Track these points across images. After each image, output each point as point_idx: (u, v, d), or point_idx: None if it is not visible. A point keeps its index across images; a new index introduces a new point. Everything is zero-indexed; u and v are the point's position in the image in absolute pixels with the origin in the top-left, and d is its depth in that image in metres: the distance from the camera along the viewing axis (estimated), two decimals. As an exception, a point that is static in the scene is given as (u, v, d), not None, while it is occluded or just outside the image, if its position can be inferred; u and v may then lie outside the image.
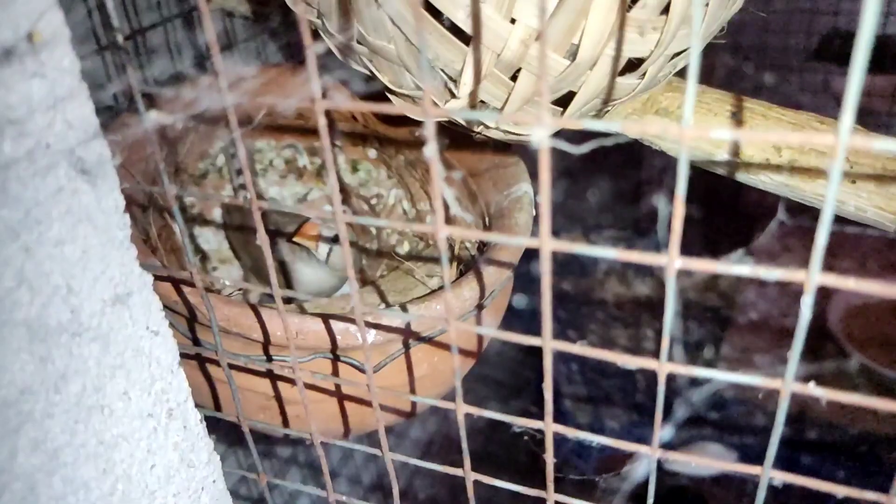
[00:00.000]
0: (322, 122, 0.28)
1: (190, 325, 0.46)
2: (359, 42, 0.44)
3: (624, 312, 1.42)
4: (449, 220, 0.50)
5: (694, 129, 0.24)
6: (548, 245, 0.28)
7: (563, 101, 0.41)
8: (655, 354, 0.30)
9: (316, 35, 0.48)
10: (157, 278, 0.36)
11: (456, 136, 0.56)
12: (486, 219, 0.57)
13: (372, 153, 0.71)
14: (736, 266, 0.26)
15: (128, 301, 0.33)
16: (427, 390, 0.54)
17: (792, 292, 1.26)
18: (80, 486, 0.32)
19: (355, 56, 0.46)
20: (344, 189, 0.72)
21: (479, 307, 0.49)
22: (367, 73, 0.47)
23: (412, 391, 0.52)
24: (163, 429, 0.36)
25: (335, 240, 0.57)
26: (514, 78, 0.40)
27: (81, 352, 0.31)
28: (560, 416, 1.28)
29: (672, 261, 0.27)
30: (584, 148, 0.26)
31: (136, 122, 0.57)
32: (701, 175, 0.49)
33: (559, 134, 0.31)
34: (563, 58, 0.37)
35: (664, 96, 0.50)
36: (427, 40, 0.39)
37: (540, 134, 0.25)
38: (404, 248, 0.70)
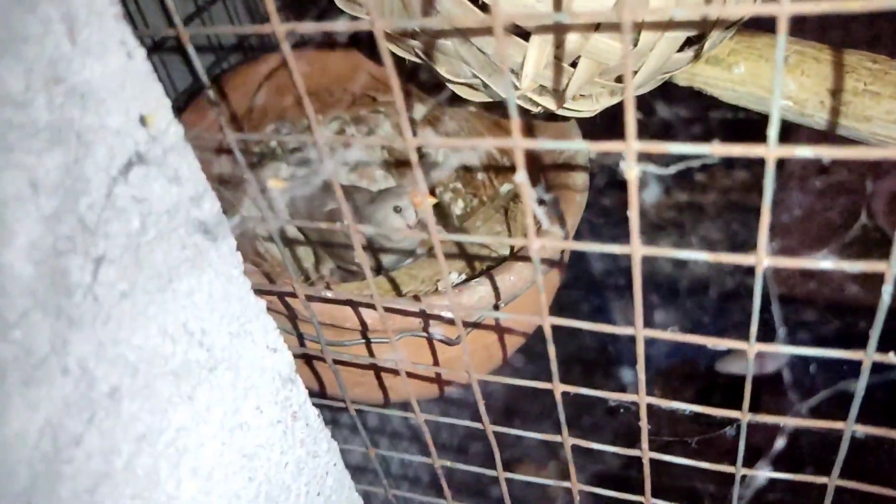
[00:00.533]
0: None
1: (293, 322, 0.49)
2: (412, 36, 0.45)
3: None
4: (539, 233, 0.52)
5: (778, 150, 0.26)
6: (638, 251, 0.30)
7: (620, 78, 0.42)
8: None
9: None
10: (263, 292, 0.39)
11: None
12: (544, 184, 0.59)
13: (418, 115, 0.72)
14: (822, 262, 0.28)
15: (249, 328, 0.36)
16: (483, 364, 0.57)
17: (834, 188, 1.25)
18: (232, 497, 0.37)
19: (407, 47, 0.47)
20: (392, 152, 0.74)
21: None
22: (421, 62, 0.48)
23: (488, 357, 0.56)
24: (290, 430, 0.40)
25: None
26: (573, 64, 0.41)
27: (219, 382, 0.35)
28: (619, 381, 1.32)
29: (761, 260, 0.29)
30: (672, 170, 0.28)
31: (197, 119, 0.59)
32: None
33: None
34: (621, 44, 0.38)
35: (713, 44, 0.51)
36: (486, 37, 0.40)
37: (632, 169, 0.27)
38: (459, 207, 0.72)
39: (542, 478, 0.47)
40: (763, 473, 0.39)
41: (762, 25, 0.52)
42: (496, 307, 0.51)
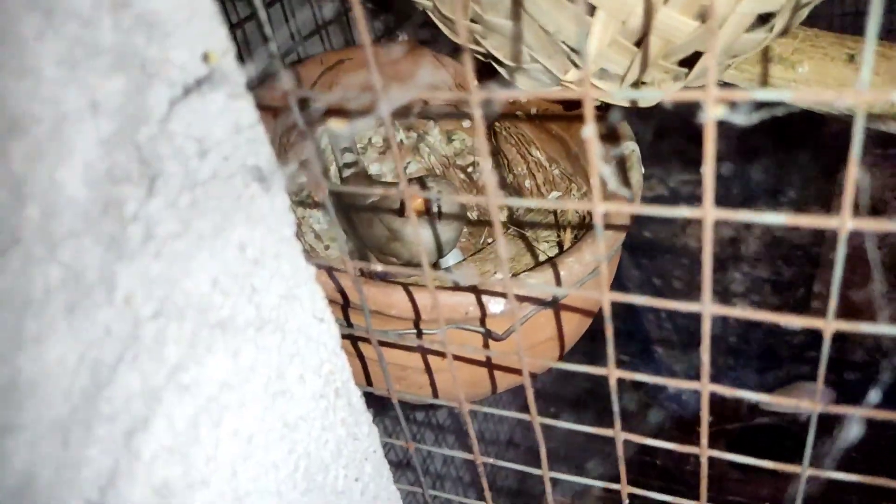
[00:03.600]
0: (478, 115, 0.29)
1: (343, 309, 0.48)
2: (473, 21, 0.45)
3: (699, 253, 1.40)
4: (606, 196, 0.51)
5: (870, 92, 0.25)
6: (710, 214, 0.29)
7: (687, 62, 0.41)
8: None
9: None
10: (316, 265, 0.38)
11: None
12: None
13: (466, 122, 0.72)
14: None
15: (297, 293, 0.35)
16: (552, 351, 0.55)
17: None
18: (271, 466, 0.35)
19: (468, 36, 0.47)
20: (440, 160, 0.74)
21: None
22: (479, 49, 0.47)
23: (538, 354, 0.54)
24: (332, 407, 0.39)
25: (439, 211, 0.58)
26: (637, 44, 0.40)
27: (265, 343, 0.34)
28: (652, 363, 1.29)
29: (844, 223, 0.27)
30: (754, 118, 0.27)
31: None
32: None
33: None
34: (692, 19, 0.37)
35: (777, 43, 0.50)
36: (550, 14, 0.39)
37: (711, 111, 0.25)
38: (503, 214, 0.71)
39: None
40: (830, 474, 0.36)
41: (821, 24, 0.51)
42: (553, 300, 0.49)
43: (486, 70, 0.50)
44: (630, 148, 0.57)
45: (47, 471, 0.26)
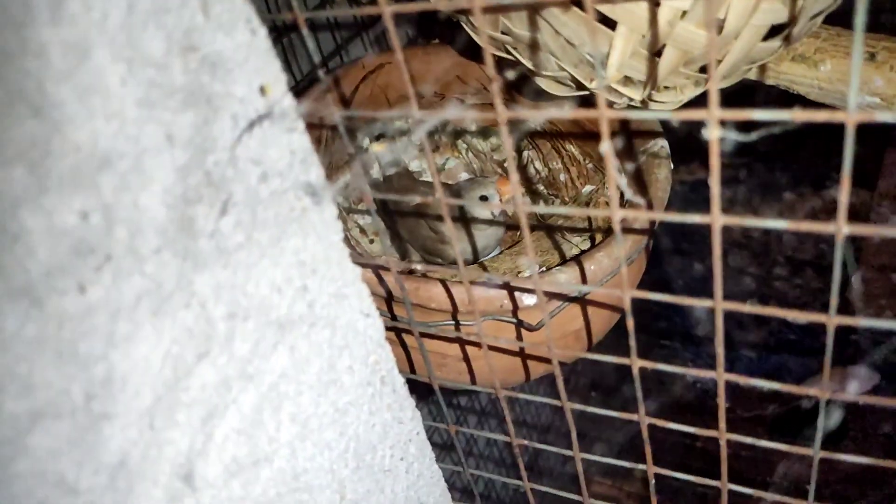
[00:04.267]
0: (504, 133, 0.32)
1: (387, 302, 0.52)
2: (503, 32, 0.48)
3: (743, 238, 1.41)
4: (622, 204, 0.53)
5: (860, 114, 0.27)
6: (718, 220, 0.31)
7: (706, 68, 0.44)
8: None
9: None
10: (359, 263, 0.42)
11: (587, 100, 0.59)
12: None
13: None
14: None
15: (346, 292, 0.39)
16: (581, 342, 0.58)
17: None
18: (325, 447, 0.39)
19: (497, 43, 0.50)
20: (477, 155, 0.77)
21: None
22: (509, 57, 0.50)
23: (566, 346, 0.57)
24: (378, 394, 0.43)
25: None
26: (658, 53, 0.42)
27: (318, 338, 0.38)
28: (691, 348, 1.31)
29: (840, 228, 0.30)
30: (753, 136, 0.29)
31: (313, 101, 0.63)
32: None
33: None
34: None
35: (800, 42, 0.51)
36: (574, 28, 0.42)
37: (713, 131, 0.28)
38: (541, 207, 0.74)
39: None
40: (843, 457, 0.39)
41: (847, 23, 0.52)
42: (581, 294, 0.53)
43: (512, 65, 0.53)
44: (659, 144, 0.60)
45: (137, 450, 0.30)
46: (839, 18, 0.51)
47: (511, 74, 0.42)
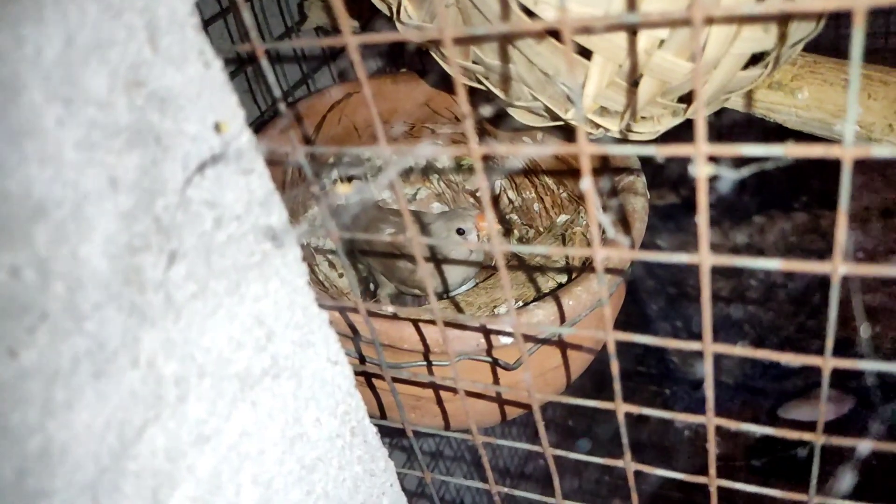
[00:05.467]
0: (479, 167, 0.30)
1: (353, 342, 0.49)
2: (474, 62, 0.46)
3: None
4: (605, 242, 0.52)
5: (856, 149, 0.26)
6: (707, 261, 0.30)
7: (686, 98, 0.42)
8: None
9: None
10: (325, 307, 0.40)
11: (565, 129, 0.57)
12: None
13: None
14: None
15: (311, 339, 0.37)
16: (560, 379, 0.56)
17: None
18: (291, 507, 0.36)
19: (468, 73, 0.48)
20: (449, 185, 0.75)
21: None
22: (481, 87, 0.49)
23: (545, 384, 0.55)
24: (348, 446, 0.40)
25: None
26: (635, 83, 0.41)
27: (281, 390, 0.35)
28: (668, 373, 1.30)
29: (836, 268, 0.28)
30: (745, 172, 0.28)
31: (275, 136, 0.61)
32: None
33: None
34: (686, 62, 0.38)
35: (777, 69, 0.50)
36: (548, 58, 0.41)
37: (701, 168, 0.26)
38: (514, 237, 0.72)
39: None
40: (838, 502, 0.37)
41: (824, 51, 0.52)
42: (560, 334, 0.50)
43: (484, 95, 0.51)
44: (635, 176, 0.58)
45: (79, 528, 0.27)
46: (814, 45, 0.50)
47: (487, 111, 0.40)
